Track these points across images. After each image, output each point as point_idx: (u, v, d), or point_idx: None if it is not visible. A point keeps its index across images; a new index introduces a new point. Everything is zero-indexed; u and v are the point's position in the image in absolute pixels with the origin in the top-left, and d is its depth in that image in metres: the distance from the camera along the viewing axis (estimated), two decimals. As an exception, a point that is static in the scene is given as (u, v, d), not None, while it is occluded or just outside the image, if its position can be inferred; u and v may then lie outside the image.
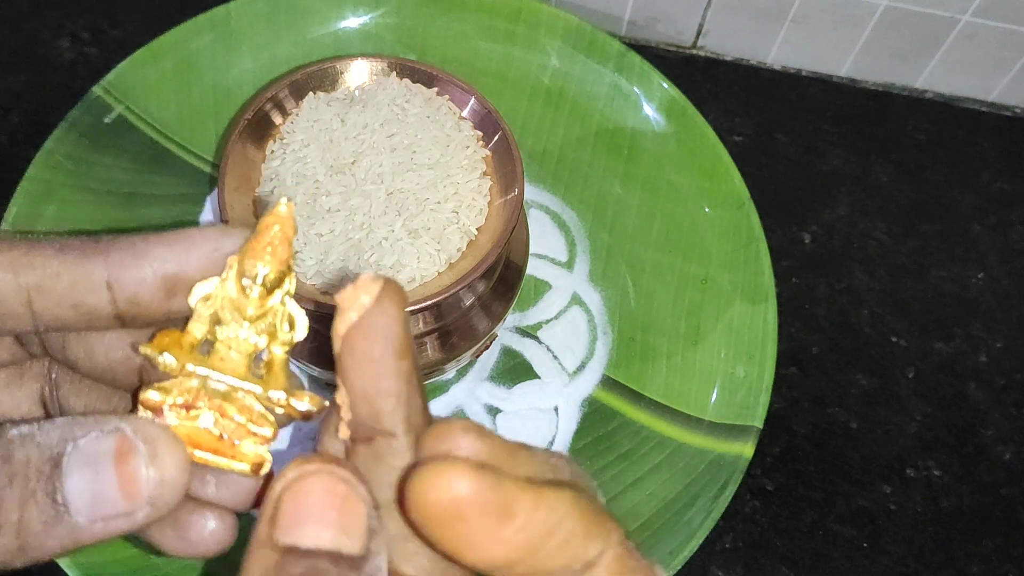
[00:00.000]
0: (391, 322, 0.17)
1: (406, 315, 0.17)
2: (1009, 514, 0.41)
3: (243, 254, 0.19)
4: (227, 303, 0.19)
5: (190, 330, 0.19)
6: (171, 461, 0.18)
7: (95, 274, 0.19)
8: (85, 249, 0.19)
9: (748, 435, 0.39)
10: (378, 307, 0.17)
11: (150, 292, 0.19)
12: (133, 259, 0.19)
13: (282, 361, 0.20)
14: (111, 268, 0.19)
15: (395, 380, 0.17)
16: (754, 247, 0.43)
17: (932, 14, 0.48)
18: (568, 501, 0.17)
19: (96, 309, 0.19)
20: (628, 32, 0.53)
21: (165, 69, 0.46)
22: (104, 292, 0.19)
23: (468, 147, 0.37)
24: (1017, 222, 0.49)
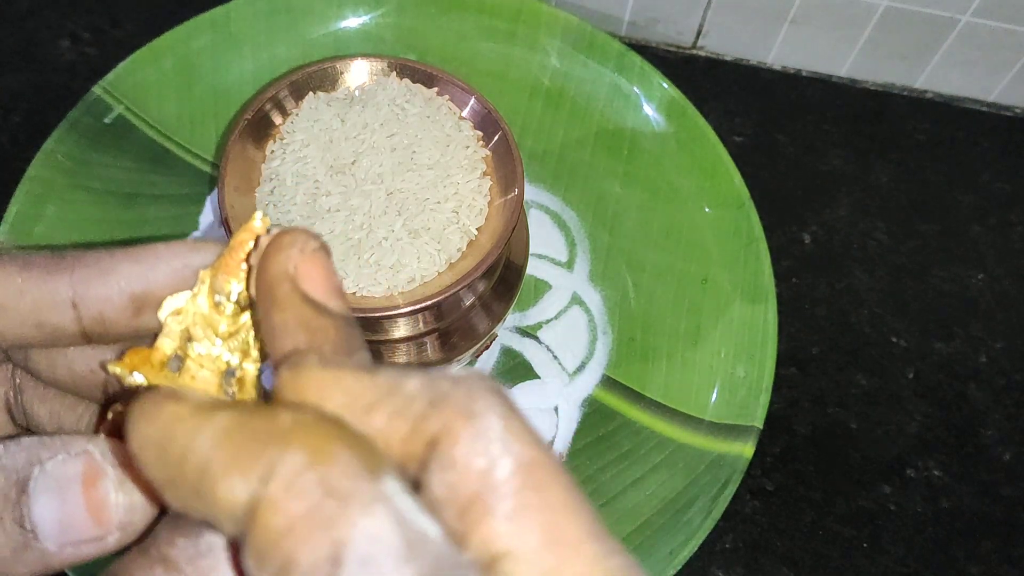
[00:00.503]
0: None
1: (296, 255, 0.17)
2: (1009, 514, 0.41)
3: (216, 269, 0.18)
4: (199, 319, 0.19)
5: (159, 346, 0.19)
6: (141, 486, 0.17)
7: (59, 292, 0.18)
8: (49, 266, 0.18)
9: (748, 435, 0.39)
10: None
11: (117, 310, 0.19)
12: (99, 276, 0.18)
13: (253, 378, 0.19)
14: (76, 286, 0.18)
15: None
16: (754, 247, 0.43)
17: (932, 14, 0.48)
18: (226, 420, 0.14)
19: (61, 327, 0.19)
20: (628, 32, 0.53)
21: (165, 69, 0.46)
22: (69, 311, 0.18)
23: (468, 147, 0.37)
24: (1017, 222, 0.49)
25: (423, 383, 0.15)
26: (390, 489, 0.13)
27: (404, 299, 0.34)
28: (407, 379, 0.15)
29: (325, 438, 0.14)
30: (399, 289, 0.34)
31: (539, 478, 0.14)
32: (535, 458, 0.14)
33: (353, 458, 0.13)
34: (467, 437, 0.14)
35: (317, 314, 0.16)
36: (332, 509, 0.13)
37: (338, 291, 0.17)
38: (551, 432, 0.40)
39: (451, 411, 0.14)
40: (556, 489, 0.14)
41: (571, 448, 0.40)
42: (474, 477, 0.14)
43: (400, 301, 0.34)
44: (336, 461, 0.13)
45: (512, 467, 0.14)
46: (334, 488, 0.13)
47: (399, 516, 0.13)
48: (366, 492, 0.13)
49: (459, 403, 0.14)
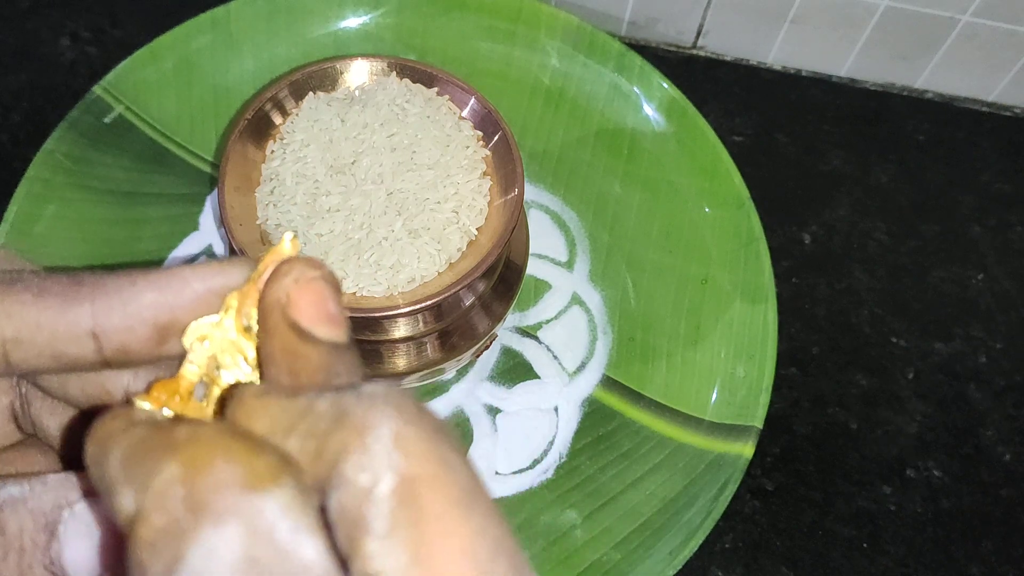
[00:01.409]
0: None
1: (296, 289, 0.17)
2: (1009, 515, 0.41)
3: (244, 295, 0.18)
4: (226, 345, 0.18)
5: (184, 374, 0.18)
6: None
7: (79, 324, 0.17)
8: (67, 295, 0.17)
9: (748, 435, 0.39)
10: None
11: (140, 341, 0.18)
12: (120, 306, 0.17)
13: None
14: (97, 317, 0.17)
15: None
16: (754, 247, 0.43)
17: (932, 14, 0.48)
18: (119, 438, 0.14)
19: (80, 358, 0.18)
20: (628, 32, 0.53)
21: (165, 69, 0.46)
22: (89, 342, 0.17)
23: (468, 147, 0.37)
24: (1017, 222, 0.49)
25: (331, 401, 0.14)
26: (267, 505, 0.13)
27: (404, 299, 0.34)
28: (319, 400, 0.14)
29: (208, 450, 0.13)
30: (399, 289, 0.34)
31: (420, 492, 0.13)
32: (421, 471, 0.13)
33: (230, 469, 0.13)
34: (356, 453, 0.13)
35: (300, 342, 0.16)
36: (186, 522, 0.13)
37: (330, 319, 0.17)
38: (551, 432, 0.40)
39: (348, 427, 0.14)
40: (436, 504, 0.13)
41: (571, 448, 0.40)
42: (358, 494, 0.13)
43: (400, 301, 0.34)
44: (208, 472, 0.13)
45: (393, 482, 0.13)
46: (196, 501, 0.13)
47: (259, 532, 0.13)
48: (226, 505, 0.13)
49: (356, 419, 0.14)
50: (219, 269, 0.18)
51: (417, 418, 0.14)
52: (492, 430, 0.40)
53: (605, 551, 0.37)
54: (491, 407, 0.41)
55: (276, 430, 0.15)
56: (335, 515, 0.13)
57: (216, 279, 0.18)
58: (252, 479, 0.13)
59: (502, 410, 0.41)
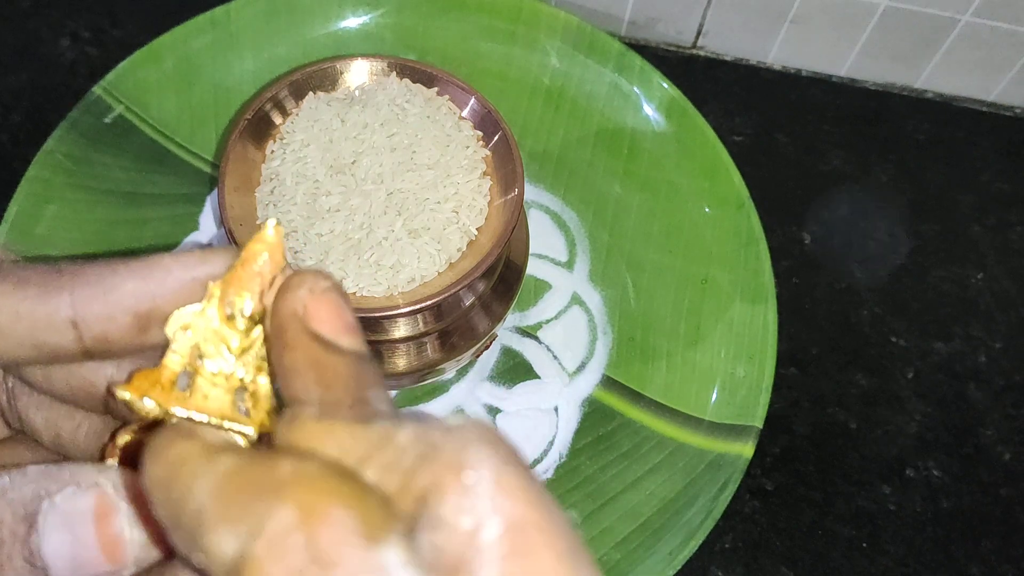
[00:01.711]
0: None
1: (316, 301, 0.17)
2: (1008, 515, 0.41)
3: (227, 283, 0.17)
4: (209, 334, 0.17)
5: (167, 364, 0.17)
6: None
7: (59, 312, 0.17)
8: (46, 284, 0.17)
9: (748, 435, 0.39)
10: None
11: (121, 329, 0.17)
12: (101, 295, 0.17)
13: (268, 393, 0.18)
14: (76, 306, 0.17)
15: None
16: (754, 247, 0.43)
17: (932, 14, 0.48)
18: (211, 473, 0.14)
19: (60, 348, 0.17)
20: (628, 32, 0.53)
21: (165, 69, 0.46)
22: (69, 331, 0.17)
23: (468, 147, 0.37)
24: (1017, 222, 0.49)
25: (415, 433, 0.14)
26: (388, 559, 0.12)
27: (404, 299, 0.34)
28: (400, 429, 0.14)
29: (322, 493, 0.13)
30: (399, 289, 0.34)
31: (529, 542, 0.13)
32: (527, 518, 0.13)
33: (349, 519, 0.12)
34: (454, 494, 0.13)
35: (327, 352, 0.16)
36: (311, 574, 0.12)
37: (350, 329, 0.16)
38: (551, 432, 0.40)
39: (441, 465, 0.13)
40: (547, 555, 0.13)
41: (571, 448, 0.40)
42: (460, 539, 0.12)
43: (400, 301, 0.34)
44: (329, 522, 0.12)
45: (500, 528, 0.13)
46: (321, 553, 0.12)
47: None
48: (355, 561, 0.12)
49: (450, 456, 0.13)
50: (201, 257, 0.17)
51: (514, 458, 0.13)
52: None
53: (605, 551, 0.37)
54: (491, 407, 0.41)
55: (347, 459, 0.14)
56: (429, 558, 0.13)
57: (198, 268, 0.17)
58: (371, 528, 0.12)
59: (502, 410, 0.41)
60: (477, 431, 0.14)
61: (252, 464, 0.14)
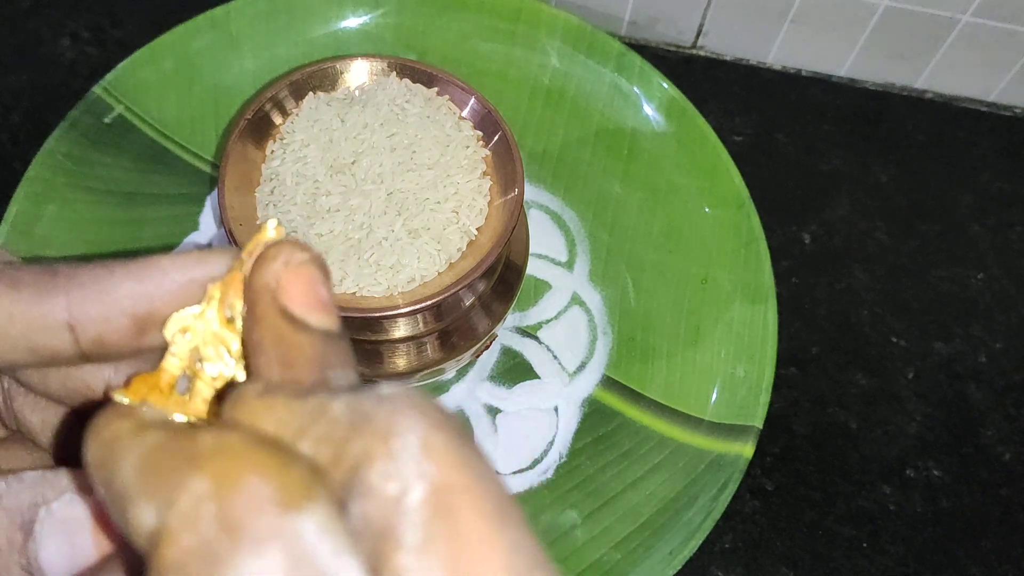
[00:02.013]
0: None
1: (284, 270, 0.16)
2: (1009, 514, 0.41)
3: (227, 285, 0.17)
4: (208, 337, 0.17)
5: (166, 367, 0.17)
6: None
7: (54, 316, 0.17)
8: (41, 286, 0.17)
9: (748, 435, 0.39)
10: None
11: (118, 332, 0.17)
12: (96, 297, 0.17)
13: None
14: (72, 308, 0.17)
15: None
16: (754, 247, 0.43)
17: (932, 14, 0.48)
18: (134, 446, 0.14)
19: (57, 351, 0.17)
20: (628, 32, 0.53)
21: (165, 69, 0.46)
22: (65, 334, 0.17)
23: (468, 147, 0.37)
24: (1017, 222, 0.49)
25: (348, 404, 0.13)
26: (306, 526, 0.12)
27: (404, 299, 0.34)
28: (334, 402, 0.14)
29: (238, 463, 0.12)
30: (399, 289, 0.34)
31: (454, 504, 0.12)
32: (452, 481, 0.13)
33: (265, 487, 0.12)
34: (381, 460, 0.13)
35: (294, 330, 0.15)
36: (221, 545, 0.12)
37: (323, 305, 0.16)
38: (551, 432, 0.40)
39: (370, 433, 0.13)
40: (472, 516, 0.12)
41: (571, 448, 0.40)
42: (386, 504, 0.12)
43: (400, 301, 0.34)
44: (242, 490, 0.12)
45: (425, 492, 0.12)
46: (231, 521, 0.12)
47: (301, 557, 0.12)
48: (265, 527, 0.12)
49: (379, 424, 0.13)
50: (200, 258, 0.17)
51: (444, 423, 0.13)
52: (492, 430, 0.40)
53: (605, 551, 0.37)
54: (491, 407, 0.41)
55: (285, 433, 0.14)
56: (358, 526, 0.13)
57: (197, 269, 0.17)
58: (288, 496, 0.12)
59: (502, 410, 0.41)
60: (408, 398, 0.14)
61: (176, 438, 0.13)
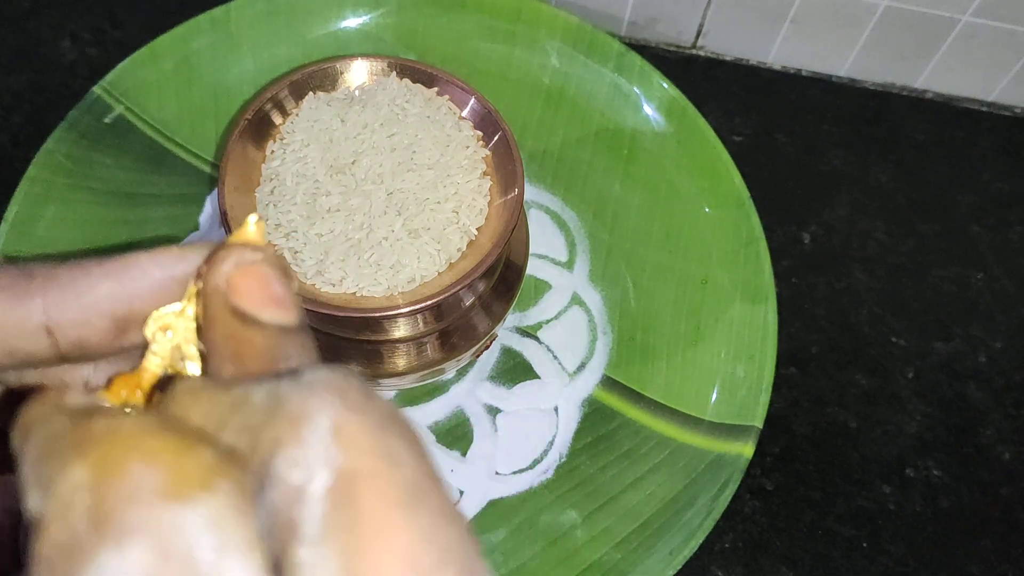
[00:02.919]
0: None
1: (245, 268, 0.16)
2: (1008, 514, 0.41)
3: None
4: (189, 335, 0.17)
5: (147, 366, 0.17)
6: None
7: (31, 319, 0.16)
8: (17, 289, 0.16)
9: (748, 435, 0.39)
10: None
11: (97, 333, 0.17)
12: (74, 299, 0.16)
13: None
14: (49, 311, 0.16)
15: None
16: (754, 247, 0.43)
17: (932, 14, 0.48)
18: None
19: (35, 354, 0.17)
20: (628, 32, 0.53)
21: (165, 69, 0.46)
22: (43, 337, 0.16)
23: (468, 147, 0.37)
24: (1017, 222, 0.49)
25: (267, 390, 0.13)
26: (190, 517, 0.11)
27: (404, 299, 0.34)
28: (255, 389, 0.13)
29: (124, 449, 0.12)
30: (399, 289, 0.34)
31: (357, 491, 0.12)
32: (359, 466, 0.12)
33: (149, 475, 0.11)
34: (289, 445, 0.12)
35: (244, 327, 0.15)
36: (86, 537, 0.11)
37: (276, 301, 0.15)
38: (551, 432, 0.40)
39: (283, 418, 0.12)
40: (376, 505, 0.12)
41: (571, 448, 0.40)
42: (289, 494, 0.12)
43: (400, 301, 0.34)
44: (121, 477, 0.11)
45: (329, 480, 0.12)
46: (101, 512, 0.11)
47: (172, 552, 0.11)
48: (136, 519, 0.11)
49: (292, 408, 0.12)
50: (179, 255, 0.17)
51: (361, 405, 0.12)
52: (492, 430, 0.40)
53: (605, 551, 0.37)
54: (491, 407, 0.41)
55: (208, 424, 0.13)
56: (267, 518, 0.12)
57: (177, 266, 0.17)
58: (175, 485, 0.11)
59: (502, 410, 0.41)
60: (327, 380, 0.13)
61: (75, 423, 0.13)
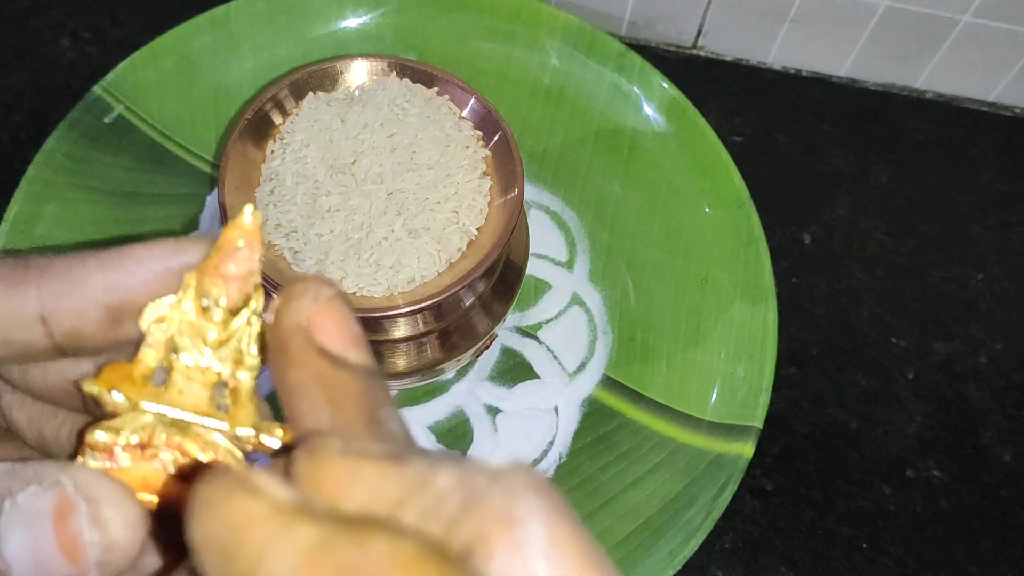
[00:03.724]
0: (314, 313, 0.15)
1: (336, 312, 0.16)
2: (1008, 515, 0.41)
3: (202, 272, 0.17)
4: (185, 327, 0.17)
5: (142, 358, 0.17)
6: (118, 522, 0.16)
7: (26, 308, 0.17)
8: (12, 278, 0.17)
9: (748, 435, 0.39)
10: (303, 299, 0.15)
11: (92, 323, 0.17)
12: (69, 288, 0.17)
13: (249, 389, 0.17)
14: (44, 300, 0.17)
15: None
16: (754, 247, 0.43)
17: (932, 14, 0.48)
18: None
19: (30, 344, 0.17)
20: (628, 32, 0.53)
21: (165, 69, 0.46)
22: (38, 327, 0.17)
23: (468, 147, 0.37)
24: (1017, 222, 0.49)
25: (457, 479, 0.13)
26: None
27: (404, 299, 0.34)
28: (439, 472, 0.13)
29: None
30: (399, 289, 0.34)
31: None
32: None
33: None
34: (504, 551, 0.12)
35: (334, 369, 0.15)
36: None
37: (358, 341, 0.15)
38: (551, 432, 0.40)
39: (487, 516, 0.12)
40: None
41: (571, 448, 0.40)
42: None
43: (400, 301, 0.34)
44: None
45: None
46: None
47: None
48: None
49: (496, 506, 0.12)
50: (175, 247, 0.17)
51: (565, 509, 0.12)
52: (492, 430, 0.40)
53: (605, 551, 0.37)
54: (491, 407, 0.41)
55: (380, 503, 0.13)
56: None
57: (173, 258, 0.17)
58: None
59: (502, 410, 0.41)
60: (525, 478, 0.12)
61: (338, 539, 0.12)
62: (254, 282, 0.17)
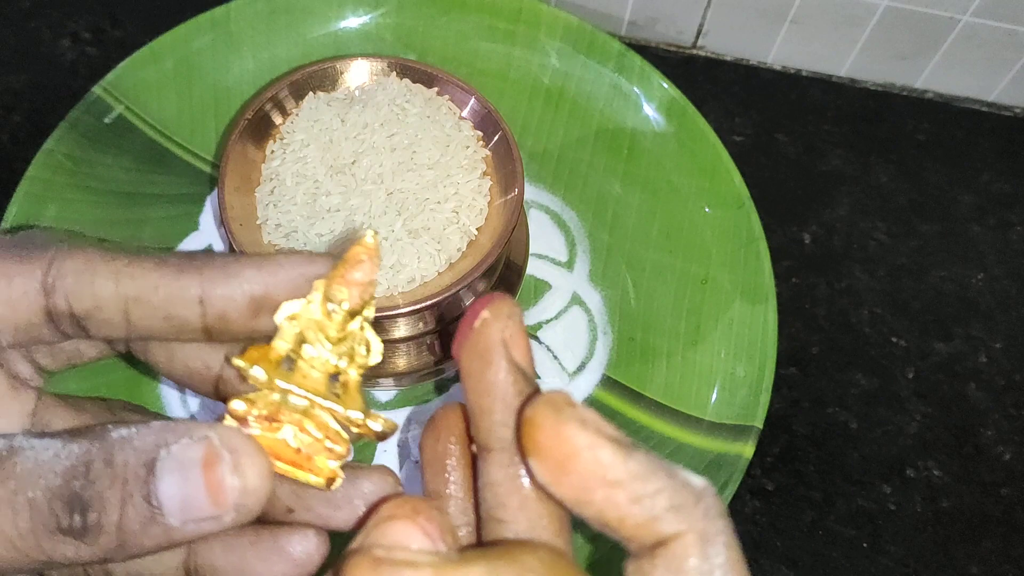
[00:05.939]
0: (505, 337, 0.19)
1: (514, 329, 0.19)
2: (1009, 514, 0.41)
3: (330, 280, 0.20)
4: (311, 324, 0.20)
5: (274, 346, 0.20)
6: (254, 471, 0.19)
7: (189, 289, 0.20)
8: (181, 266, 0.20)
9: (748, 435, 0.39)
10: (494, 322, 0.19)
11: (238, 310, 0.21)
12: (225, 278, 0.20)
13: (357, 383, 0.21)
14: (204, 285, 0.20)
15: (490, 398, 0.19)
16: (754, 247, 0.43)
17: (932, 14, 0.48)
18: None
19: (187, 322, 0.21)
20: (628, 32, 0.53)
21: (165, 69, 0.46)
22: (196, 307, 0.20)
23: (468, 147, 0.37)
24: (1017, 222, 0.49)
25: (670, 486, 0.17)
26: None
27: (404, 299, 0.34)
28: (656, 474, 0.17)
29: None
30: (399, 289, 0.34)
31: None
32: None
33: None
34: (697, 554, 0.16)
35: (523, 380, 0.19)
36: None
37: (530, 355, 0.19)
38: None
39: (688, 524, 0.16)
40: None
41: (571, 448, 0.40)
42: None
43: (400, 301, 0.34)
44: None
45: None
46: None
47: None
48: None
49: (697, 520, 0.17)
50: (309, 259, 0.21)
51: (734, 535, 0.17)
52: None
53: (605, 551, 0.37)
54: (491, 407, 0.41)
55: (601, 476, 0.17)
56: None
57: (306, 267, 0.21)
58: None
59: (502, 410, 0.41)
60: (717, 504, 0.17)
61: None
62: (372, 291, 0.21)
